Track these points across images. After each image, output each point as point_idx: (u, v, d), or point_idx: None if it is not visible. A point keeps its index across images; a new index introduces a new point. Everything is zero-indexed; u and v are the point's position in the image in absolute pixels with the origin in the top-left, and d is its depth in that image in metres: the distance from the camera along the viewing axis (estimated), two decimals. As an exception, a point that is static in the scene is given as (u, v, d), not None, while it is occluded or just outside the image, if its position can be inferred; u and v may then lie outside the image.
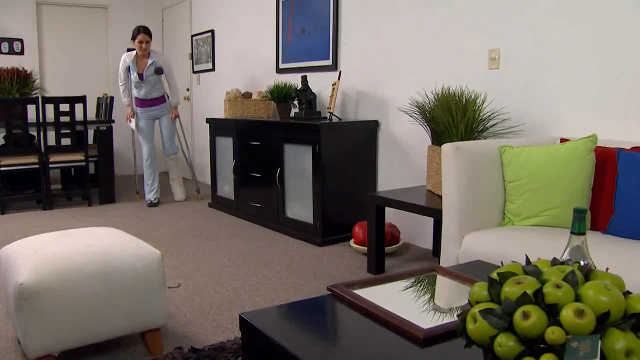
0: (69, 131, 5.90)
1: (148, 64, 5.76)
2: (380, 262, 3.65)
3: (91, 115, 7.30)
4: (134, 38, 5.70)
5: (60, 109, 5.74)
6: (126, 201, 6.30)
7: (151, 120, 5.99)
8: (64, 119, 5.79)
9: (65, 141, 6.06)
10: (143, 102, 5.90)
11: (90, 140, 6.81)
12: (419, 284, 1.88)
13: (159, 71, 5.80)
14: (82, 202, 6.19)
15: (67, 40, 8.12)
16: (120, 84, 5.84)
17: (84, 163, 5.93)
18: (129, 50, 5.80)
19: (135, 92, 5.87)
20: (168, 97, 6.06)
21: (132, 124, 5.94)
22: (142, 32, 5.67)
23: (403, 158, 4.35)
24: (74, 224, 5.11)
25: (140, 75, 5.76)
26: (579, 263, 1.40)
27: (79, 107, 5.85)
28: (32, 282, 2.11)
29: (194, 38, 7.72)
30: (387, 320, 1.53)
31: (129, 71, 5.79)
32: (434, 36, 4.03)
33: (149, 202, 6.02)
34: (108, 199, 6.16)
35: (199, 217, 5.41)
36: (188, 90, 8.05)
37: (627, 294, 1.20)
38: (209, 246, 4.33)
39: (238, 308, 3.08)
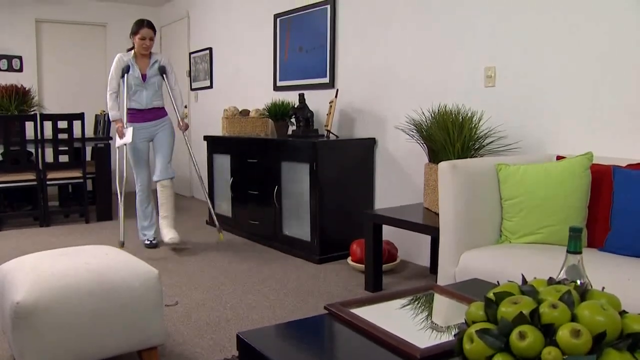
0: (66, 148, 5.91)
1: (151, 63, 4.78)
2: (377, 279, 3.64)
3: (89, 132, 7.32)
4: (134, 33, 4.69)
5: (59, 126, 5.76)
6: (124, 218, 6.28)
7: (146, 141, 4.83)
8: (62, 135, 5.80)
9: (63, 158, 6.07)
10: (140, 115, 4.75)
11: (88, 157, 6.82)
12: (416, 303, 1.88)
13: (162, 70, 4.85)
14: (79, 219, 6.18)
15: (66, 57, 8.16)
16: (110, 91, 4.69)
17: (81, 180, 5.94)
18: (128, 50, 4.84)
19: (130, 102, 4.72)
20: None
21: (127, 138, 4.60)
22: (147, 26, 4.69)
23: (400, 175, 4.37)
24: (71, 241, 5.10)
25: (144, 76, 4.73)
26: (575, 282, 1.40)
27: (77, 124, 5.86)
28: (29, 300, 2.10)
29: (192, 55, 7.76)
30: (384, 340, 1.53)
31: (125, 73, 4.71)
32: (430, 54, 4.06)
33: (147, 242, 4.93)
34: (105, 216, 6.15)
35: (196, 235, 5.41)
36: (186, 107, 8.07)
37: (623, 313, 1.20)
38: (206, 264, 4.33)
39: (235, 327, 3.07)
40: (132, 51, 4.79)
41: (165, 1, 8.38)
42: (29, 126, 5.73)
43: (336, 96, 4.70)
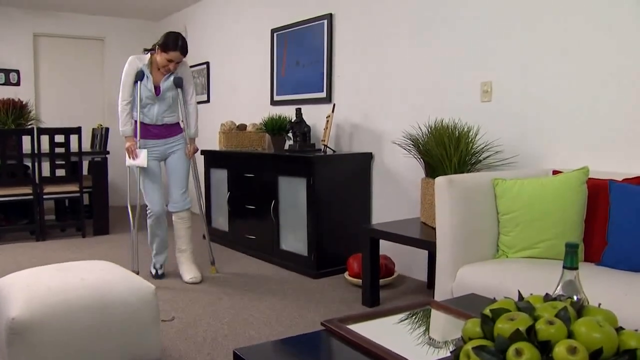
0: (63, 162, 5.91)
1: (166, 75, 4.13)
2: (375, 294, 3.64)
3: (86, 146, 7.32)
4: (164, 50, 3.98)
5: (56, 140, 5.76)
6: (120, 233, 6.27)
7: (157, 159, 4.22)
8: (59, 149, 5.81)
9: (60, 172, 6.07)
10: (151, 131, 4.16)
11: (85, 171, 6.81)
12: (413, 318, 1.88)
13: (179, 83, 4.18)
14: (75, 234, 6.16)
15: (63, 71, 8.18)
16: (123, 100, 4.06)
17: (78, 194, 5.93)
18: (145, 51, 4.21)
19: (139, 115, 4.11)
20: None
21: (140, 160, 4.08)
22: (180, 49, 4.01)
23: (397, 190, 4.37)
24: (67, 256, 5.09)
25: (157, 89, 4.10)
26: (572, 298, 1.40)
27: (74, 138, 5.86)
28: (25, 316, 2.10)
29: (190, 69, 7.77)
30: (381, 356, 1.53)
31: (138, 80, 4.08)
32: (426, 69, 4.08)
33: (154, 272, 4.39)
34: (102, 230, 6.14)
35: (193, 249, 5.38)
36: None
37: (620, 329, 1.20)
38: (203, 278, 4.31)
39: (232, 342, 3.06)
40: (149, 57, 4.12)
41: (163, 16, 8.41)
42: (26, 140, 5.73)
43: (333, 111, 4.71)
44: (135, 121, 4.12)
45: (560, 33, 3.23)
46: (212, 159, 5.75)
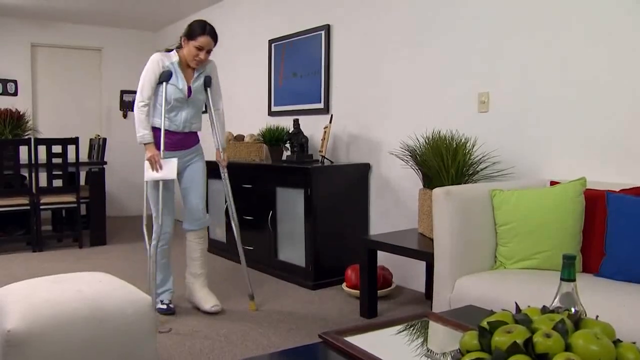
0: (60, 172, 5.91)
1: (195, 74, 3.67)
2: (372, 306, 3.63)
3: (83, 156, 7.31)
4: (190, 37, 3.55)
5: (53, 150, 5.75)
6: (117, 243, 6.26)
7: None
8: (56, 160, 5.80)
9: (57, 182, 6.05)
10: (174, 140, 3.64)
11: (83, 182, 6.80)
12: (411, 330, 1.87)
13: (209, 83, 3.73)
14: (72, 244, 6.15)
15: (61, 81, 8.19)
16: (141, 102, 3.52)
17: (75, 205, 5.92)
18: (167, 50, 3.71)
19: (162, 121, 3.57)
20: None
21: (168, 171, 3.53)
22: (209, 33, 3.57)
23: (395, 201, 4.37)
24: (64, 267, 5.07)
25: (189, 90, 3.61)
26: (569, 310, 1.40)
27: (71, 148, 5.85)
28: (21, 328, 2.08)
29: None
30: (378, 369, 1.52)
31: (164, 81, 3.55)
32: (424, 80, 4.09)
33: (163, 308, 3.73)
34: (99, 240, 6.12)
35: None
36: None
37: (617, 342, 1.20)
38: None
39: (229, 354, 3.04)
40: (176, 54, 3.63)
41: (160, 27, 8.44)
42: (23, 150, 5.73)
43: (330, 121, 4.72)
44: (157, 129, 3.58)
45: (558, 44, 3.25)
46: (210, 169, 5.73)
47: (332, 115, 4.84)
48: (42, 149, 5.74)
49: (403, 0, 4.24)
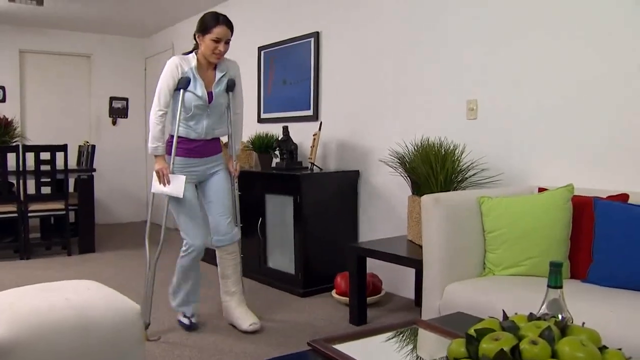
0: (49, 179, 5.87)
1: (218, 76, 3.43)
2: (362, 313, 3.63)
3: (72, 163, 7.28)
4: (204, 31, 3.30)
5: (41, 157, 5.72)
6: (106, 251, 6.23)
7: (193, 183, 3.48)
8: (45, 167, 5.77)
9: (45, 190, 6.02)
10: (195, 148, 3.42)
11: (71, 189, 6.77)
12: (399, 337, 1.88)
13: (232, 86, 3.52)
14: (61, 252, 6.11)
15: (50, 88, 8.14)
16: (159, 110, 3.29)
17: (64, 212, 5.88)
18: (184, 53, 3.46)
19: (184, 129, 3.38)
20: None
21: (175, 187, 3.35)
22: (223, 22, 3.29)
23: (384, 208, 4.38)
24: (52, 275, 5.04)
25: (210, 95, 3.39)
26: (557, 317, 1.41)
27: (59, 155, 5.83)
28: (7, 337, 2.07)
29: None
30: (367, 376, 1.52)
31: (182, 88, 3.32)
32: (413, 87, 4.11)
33: (185, 323, 3.57)
34: (88, 248, 6.09)
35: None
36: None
37: (603, 348, 1.21)
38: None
39: (218, 361, 3.03)
40: (195, 57, 3.38)
41: (150, 33, 8.43)
42: (11, 157, 5.69)
43: (320, 128, 4.73)
44: (172, 136, 3.39)
45: (546, 53, 3.27)
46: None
47: (321, 123, 4.84)
48: (30, 156, 5.71)
49: (392, 8, 4.26)
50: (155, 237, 3.65)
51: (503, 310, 1.36)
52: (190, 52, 3.42)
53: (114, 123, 8.55)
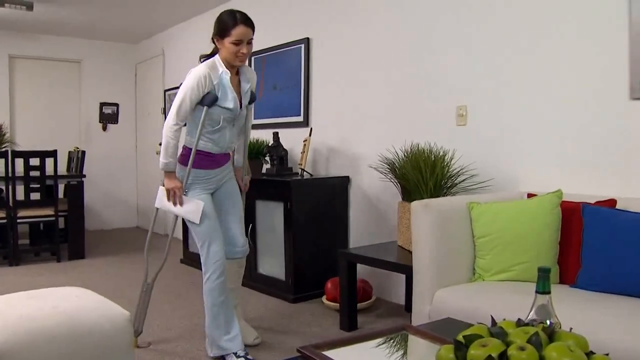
0: (38, 185, 5.85)
1: (245, 89, 3.18)
2: (352, 318, 3.63)
3: (62, 169, 7.25)
4: (222, 34, 3.00)
5: (30, 163, 5.70)
6: (96, 257, 6.20)
7: (209, 194, 3.19)
8: (34, 173, 5.74)
9: (35, 196, 5.99)
10: (212, 159, 3.16)
11: (61, 195, 6.74)
12: (389, 343, 1.88)
13: (252, 100, 3.28)
14: (50, 258, 6.08)
15: (39, 93, 8.11)
16: (174, 124, 3.00)
17: (53, 218, 5.86)
18: (204, 58, 3.17)
19: (201, 143, 3.09)
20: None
21: (191, 211, 3.05)
22: (243, 22, 2.98)
23: (374, 213, 4.39)
24: (41, 281, 5.01)
25: (240, 104, 3.15)
26: (545, 322, 1.42)
27: (49, 161, 5.80)
28: (-5, 345, 2.05)
29: (167, 93, 7.77)
30: (356, 383, 1.52)
31: (208, 105, 3.01)
32: (403, 93, 4.12)
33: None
34: (78, 254, 6.06)
35: (170, 274, 5.34)
36: (160, 144, 8.04)
37: (590, 354, 1.21)
38: (179, 304, 4.27)
39: (208, 368, 3.02)
40: (220, 63, 3.05)
41: (140, 39, 8.42)
42: (0, 163, 5.66)
43: (310, 134, 4.73)
44: (187, 148, 3.12)
45: (535, 60, 3.30)
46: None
47: (311, 128, 4.85)
48: (19, 162, 5.68)
49: (382, 15, 4.28)
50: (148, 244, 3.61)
51: (491, 316, 1.37)
52: (209, 56, 3.13)
53: (104, 129, 8.53)
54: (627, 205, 2.64)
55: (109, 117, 8.54)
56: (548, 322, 1.43)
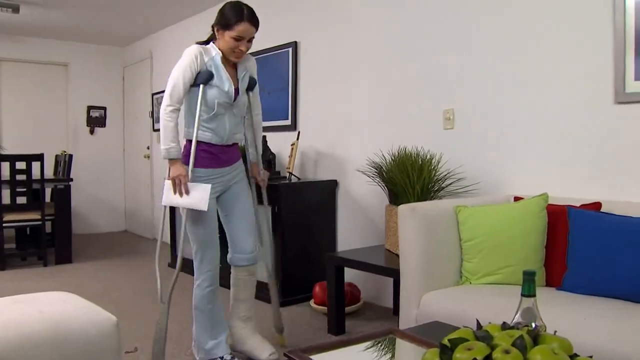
0: (25, 189, 5.81)
1: (240, 72, 3.03)
2: (340, 322, 3.63)
3: (49, 173, 7.21)
4: (226, 26, 2.85)
5: (17, 167, 5.66)
6: (83, 261, 6.17)
7: (214, 197, 3.01)
8: (21, 177, 5.70)
9: (21, 200, 5.95)
10: (219, 155, 2.98)
11: (48, 198, 6.70)
12: (376, 347, 1.88)
13: (252, 84, 3.13)
14: (37, 263, 6.04)
15: (26, 97, 8.05)
16: (170, 105, 2.83)
17: (40, 222, 5.82)
18: (201, 42, 3.02)
19: (204, 132, 2.91)
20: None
21: (197, 198, 2.82)
22: (248, 19, 2.85)
23: (362, 217, 4.39)
24: (28, 286, 4.98)
25: (236, 92, 2.97)
26: (530, 326, 1.43)
27: (36, 164, 5.77)
28: (-20, 351, 2.04)
29: (155, 96, 7.75)
30: (343, 387, 1.53)
31: (201, 82, 2.86)
32: (390, 97, 4.14)
33: None
34: (65, 259, 6.03)
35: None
36: (148, 148, 8.02)
37: (574, 357, 1.23)
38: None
39: (196, 372, 3.01)
40: (214, 47, 2.93)
41: (128, 42, 8.39)
42: (-14, 167, 5.63)
43: (298, 138, 4.74)
44: (189, 141, 2.94)
45: (521, 64, 3.32)
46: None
47: (299, 132, 4.86)
48: (5, 166, 5.66)
49: (370, 19, 4.30)
50: (138, 248, 3.60)
51: (477, 320, 1.38)
52: (206, 42, 2.99)
53: (92, 132, 8.49)
54: (612, 208, 2.67)
55: (96, 120, 8.50)
56: (533, 325, 1.44)
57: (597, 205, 2.71)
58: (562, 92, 3.11)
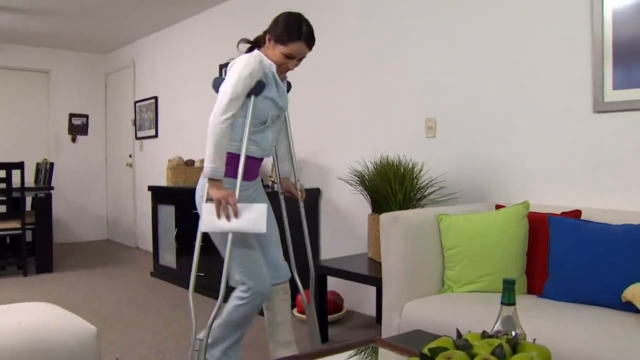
0: (4, 198, 5.75)
1: (284, 87, 2.85)
2: (323, 331, 3.62)
3: (30, 181, 7.14)
4: (280, 40, 2.65)
5: (-3, 176, 5.61)
6: (64, 271, 6.11)
7: None
8: (0, 185, 5.65)
9: (1, 208, 5.90)
10: (251, 169, 2.73)
11: (29, 207, 6.63)
12: (360, 356, 1.88)
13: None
14: (17, 272, 5.97)
15: (7, 104, 7.97)
16: (225, 116, 2.50)
17: (20, 231, 5.76)
18: (249, 49, 2.88)
19: (249, 146, 2.64)
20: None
21: (253, 220, 2.57)
22: (305, 38, 2.65)
23: (345, 225, 4.40)
24: (7, 296, 4.91)
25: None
26: (509, 334, 1.43)
27: (16, 173, 5.71)
28: (-43, 363, 2.01)
29: (137, 104, 7.72)
30: (324, 396, 1.52)
31: (255, 94, 2.59)
32: (372, 106, 4.15)
33: None
34: (45, 268, 5.96)
35: (140, 287, 5.29)
36: (130, 156, 7.98)
37: (553, 365, 1.23)
38: (150, 317, 4.23)
39: (177, 382, 2.99)
40: (265, 59, 2.68)
41: (110, 49, 8.35)
42: (-34, 176, 5.57)
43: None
44: (232, 154, 2.62)
45: (500, 71, 3.35)
46: (160, 195, 5.68)
47: (283, 140, 4.85)
48: (-15, 175, 5.59)
49: (352, 28, 4.32)
50: (120, 257, 3.58)
51: (457, 329, 1.38)
52: (251, 44, 2.86)
53: (74, 140, 8.42)
54: (592, 216, 2.69)
55: (78, 128, 8.44)
56: (513, 333, 1.45)
57: (577, 213, 2.73)
58: (542, 101, 3.14)
